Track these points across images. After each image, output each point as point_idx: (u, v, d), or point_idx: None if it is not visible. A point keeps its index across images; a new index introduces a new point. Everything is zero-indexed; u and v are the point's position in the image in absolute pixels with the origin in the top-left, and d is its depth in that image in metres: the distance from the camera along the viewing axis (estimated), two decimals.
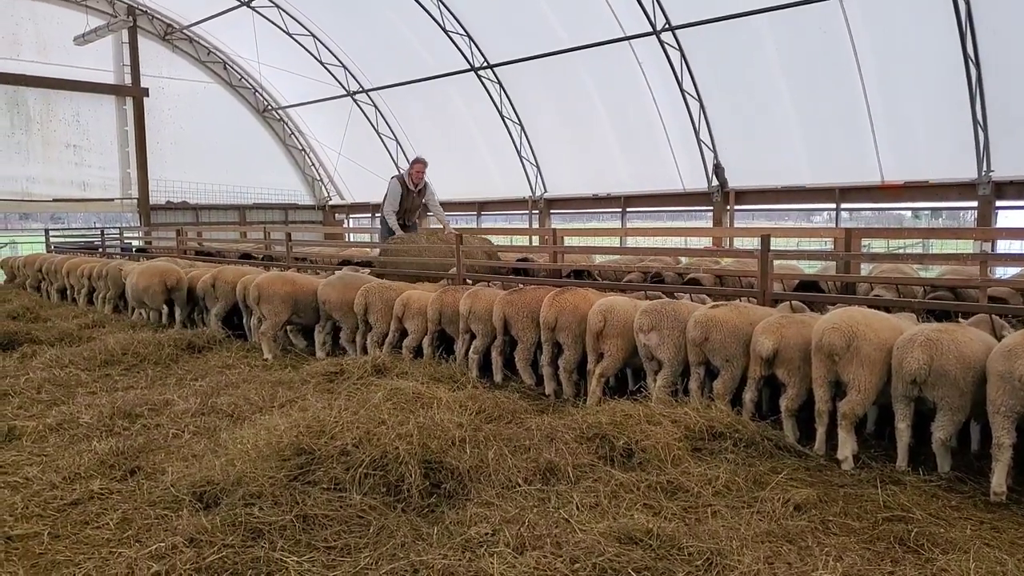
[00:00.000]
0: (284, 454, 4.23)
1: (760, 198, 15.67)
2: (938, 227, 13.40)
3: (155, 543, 3.45)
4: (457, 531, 3.57)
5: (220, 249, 13.91)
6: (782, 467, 4.37)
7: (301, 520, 3.66)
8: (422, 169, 9.69)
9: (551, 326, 5.95)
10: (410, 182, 9.65)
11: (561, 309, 5.93)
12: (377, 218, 23.80)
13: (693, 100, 15.20)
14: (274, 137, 25.41)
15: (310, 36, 20.88)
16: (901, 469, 4.40)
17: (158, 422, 5.47)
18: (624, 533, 3.42)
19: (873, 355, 4.51)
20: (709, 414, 4.79)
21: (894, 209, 14.79)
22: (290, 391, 6.14)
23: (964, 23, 11.41)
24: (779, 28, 13.47)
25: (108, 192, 21.82)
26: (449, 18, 17.48)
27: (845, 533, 3.59)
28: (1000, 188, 12.39)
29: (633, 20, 14.78)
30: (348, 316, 7.61)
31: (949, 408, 4.27)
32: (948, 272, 7.38)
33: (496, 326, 6.39)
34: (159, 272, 9.45)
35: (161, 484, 4.14)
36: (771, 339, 4.84)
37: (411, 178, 9.66)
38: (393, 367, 6.48)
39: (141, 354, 7.70)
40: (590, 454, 4.45)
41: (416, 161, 9.74)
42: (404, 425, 4.45)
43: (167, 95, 22.74)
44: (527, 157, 19.06)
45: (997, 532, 3.62)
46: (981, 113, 12.01)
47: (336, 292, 7.64)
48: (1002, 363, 4.03)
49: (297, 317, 8.00)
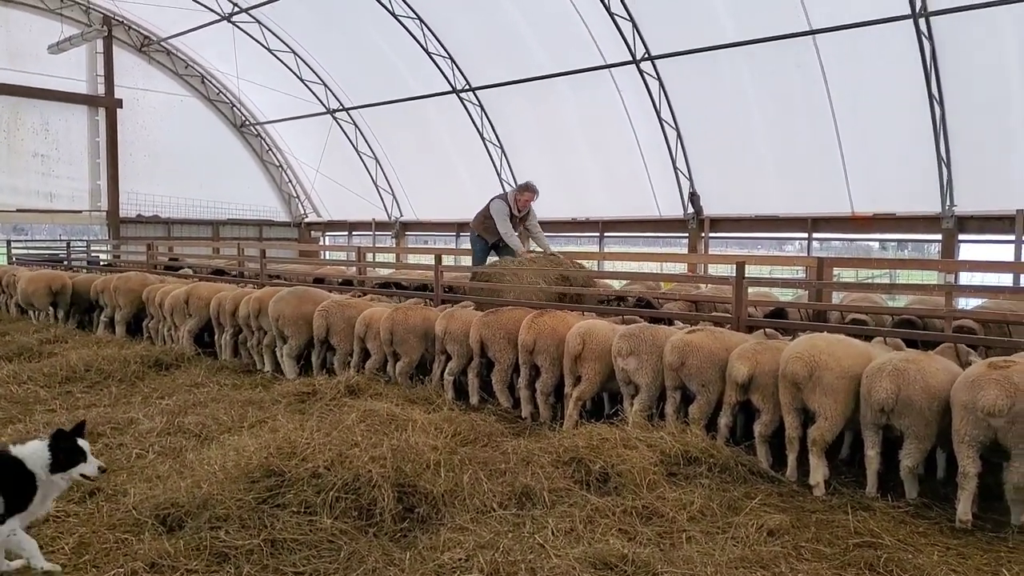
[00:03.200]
0: (253, 476, 4.14)
1: (734, 226, 15.91)
2: (906, 258, 13.73)
3: (113, 568, 3.35)
4: (430, 556, 3.51)
5: (192, 264, 13.70)
6: (756, 492, 4.39)
7: (269, 544, 3.57)
8: (532, 198, 9.23)
9: (529, 349, 5.94)
10: (515, 207, 9.06)
11: (539, 332, 5.92)
12: (361, 236, 23.73)
13: (671, 128, 15.46)
14: (251, 153, 25.22)
15: (291, 53, 20.87)
16: (871, 495, 4.45)
17: (121, 441, 5.32)
18: (599, 559, 3.40)
19: (836, 383, 4.56)
20: (684, 439, 4.81)
21: (863, 240, 15.13)
22: (260, 411, 6.02)
23: (928, 63, 11.80)
24: (755, 62, 13.79)
25: (76, 204, 21.40)
26: (432, 40, 17.61)
27: (817, 559, 3.61)
28: (962, 222, 12.76)
29: (614, 49, 15.04)
30: (301, 331, 7.50)
31: (916, 436, 4.34)
32: (915, 302, 7.54)
33: (473, 347, 6.35)
34: (46, 278, 11.07)
35: (122, 506, 4.01)
36: (746, 365, 4.88)
37: (517, 204, 9.07)
38: (367, 388, 6.40)
39: (105, 371, 7.51)
40: (566, 478, 4.43)
41: (527, 189, 9.19)
42: (378, 447, 4.40)
43: (142, 107, 22.48)
44: (507, 180, 19.14)
45: (963, 558, 3.66)
46: (945, 150, 12.39)
47: (290, 307, 7.53)
48: (965, 394, 4.11)
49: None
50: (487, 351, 6.31)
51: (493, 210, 9.05)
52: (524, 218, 9.34)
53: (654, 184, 16.47)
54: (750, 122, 14.64)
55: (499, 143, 18.77)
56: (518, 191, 9.20)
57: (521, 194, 9.16)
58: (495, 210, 9.04)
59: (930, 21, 11.52)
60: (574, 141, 17.51)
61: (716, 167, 15.53)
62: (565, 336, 5.82)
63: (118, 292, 9.86)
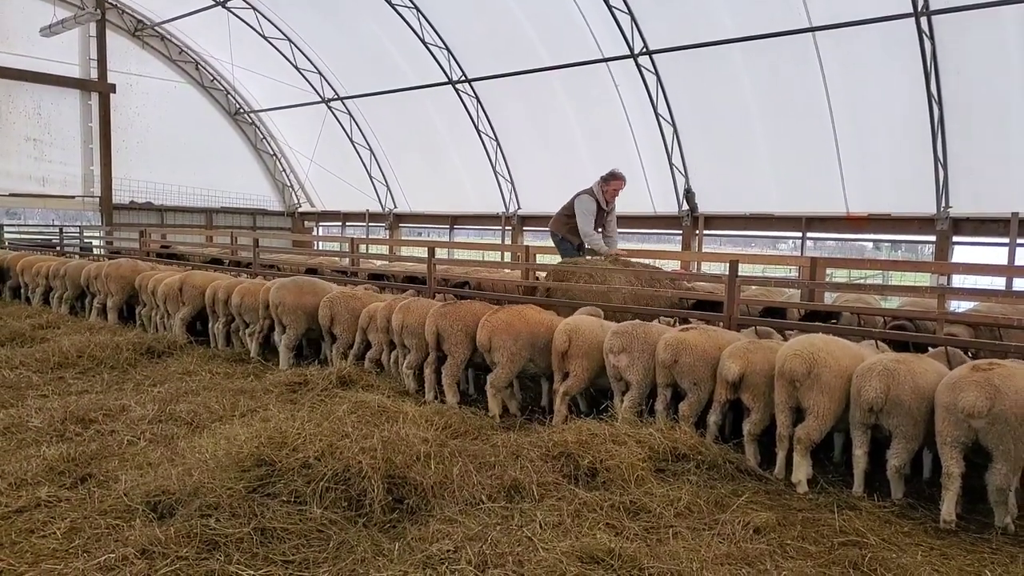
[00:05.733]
0: (244, 465, 4.15)
1: (729, 224, 15.95)
2: (899, 259, 13.79)
3: (104, 554, 3.36)
4: (419, 547, 3.53)
5: (185, 252, 13.65)
6: (743, 490, 4.42)
7: (259, 533, 3.59)
8: (621, 186, 8.32)
9: (486, 347, 5.91)
10: (603, 199, 8.22)
11: (494, 329, 5.87)
12: (355, 227, 23.67)
13: (667, 124, 15.46)
14: (245, 141, 25.10)
15: (286, 40, 20.75)
16: (857, 494, 4.49)
17: (113, 428, 5.32)
18: (586, 553, 3.43)
19: (833, 382, 4.61)
20: (673, 436, 4.84)
21: (857, 240, 15.19)
22: (252, 400, 6.03)
23: (929, 63, 11.83)
24: (754, 59, 13.80)
25: (69, 189, 21.26)
26: (429, 30, 17.54)
27: (802, 557, 3.64)
28: (957, 224, 12.81)
29: (612, 42, 15.02)
30: (298, 320, 7.50)
31: (903, 436, 4.38)
32: (907, 303, 7.58)
33: (429, 340, 6.22)
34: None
35: (113, 492, 4.02)
36: (738, 364, 4.91)
37: (605, 195, 8.23)
38: (359, 379, 6.41)
39: (97, 357, 7.50)
40: (555, 472, 4.45)
41: (615, 177, 8.28)
42: (368, 439, 4.41)
43: (135, 92, 22.33)
44: (502, 173, 19.14)
45: (946, 559, 3.70)
46: (942, 151, 12.43)
47: (291, 295, 7.54)
48: (947, 395, 4.16)
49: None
50: (442, 344, 6.19)
51: (578, 207, 8.21)
52: (610, 212, 8.47)
53: (649, 180, 16.48)
54: (747, 119, 14.66)
55: (494, 136, 18.74)
56: (603, 180, 8.30)
57: (608, 183, 8.26)
58: (580, 207, 8.19)
59: (932, 20, 11.53)
60: (570, 135, 17.50)
61: (712, 164, 15.55)
62: (521, 331, 5.80)
63: (109, 279, 9.83)
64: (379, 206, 22.58)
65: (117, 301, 9.86)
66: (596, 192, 8.25)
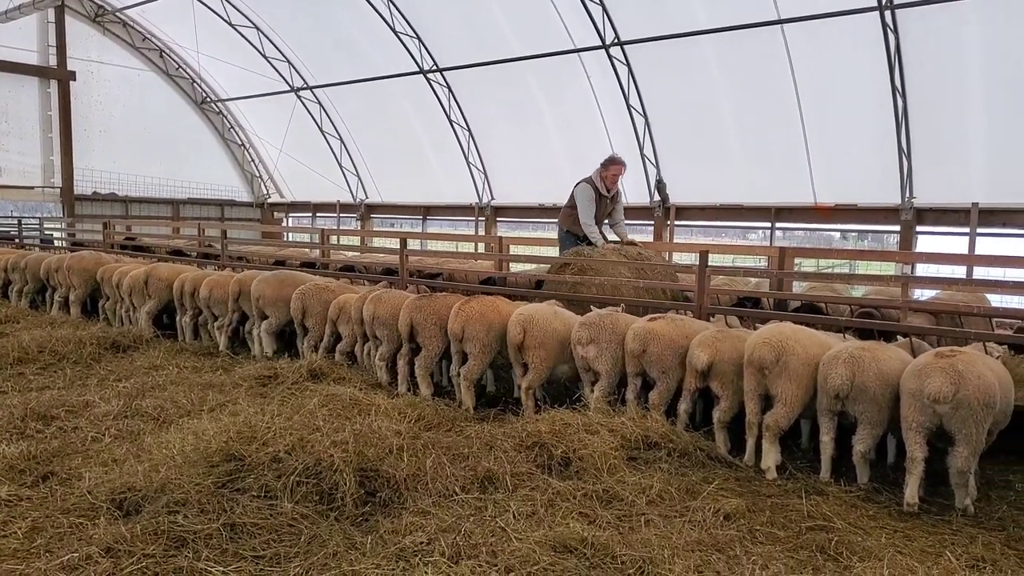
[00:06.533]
0: (212, 460, 4.09)
1: (700, 214, 16.10)
2: (865, 249, 14.06)
3: (67, 553, 3.28)
4: (392, 540, 3.52)
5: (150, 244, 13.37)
6: (713, 477, 4.48)
7: (228, 529, 3.54)
8: (621, 171, 8.06)
9: (459, 337, 5.87)
10: (603, 186, 7.97)
11: (467, 318, 5.83)
12: (325, 218, 23.40)
13: (639, 116, 15.52)
14: (212, 130, 24.63)
15: (254, 28, 20.37)
16: (824, 480, 4.58)
17: (76, 424, 5.20)
18: (559, 542, 3.44)
19: (801, 370, 4.68)
20: (645, 424, 4.88)
21: (824, 230, 15.44)
22: (221, 394, 5.93)
23: (893, 56, 12.03)
24: (724, 50, 13.90)
25: (28, 179, 20.66)
26: (399, 19, 17.35)
27: (771, 542, 3.70)
28: (921, 214, 13.11)
29: (584, 33, 15.01)
30: (280, 313, 7.42)
31: (869, 422, 4.47)
32: (872, 292, 7.73)
33: (403, 332, 6.18)
34: None
35: (76, 490, 3.93)
36: (706, 352, 4.96)
37: (605, 182, 7.97)
38: (330, 372, 6.34)
39: (59, 352, 7.31)
40: (529, 463, 4.46)
41: (613, 162, 7.99)
42: (340, 432, 4.37)
43: (97, 80, 21.75)
44: (475, 164, 19.05)
45: (909, 540, 3.80)
46: (906, 142, 12.68)
47: (271, 288, 7.45)
48: (913, 382, 4.26)
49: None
50: (415, 337, 6.14)
51: (577, 197, 7.99)
52: (615, 198, 8.21)
53: None
54: (717, 111, 14.78)
55: (467, 126, 18.64)
56: (603, 166, 8.03)
57: (607, 168, 7.99)
58: (579, 196, 7.96)
59: (896, 14, 11.75)
60: (543, 126, 17.48)
61: (683, 155, 15.66)
62: (494, 322, 5.78)
63: (71, 272, 9.59)
64: (350, 197, 22.34)
65: (80, 295, 9.62)
66: (595, 179, 8.01)
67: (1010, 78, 11.60)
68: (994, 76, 11.73)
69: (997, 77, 11.71)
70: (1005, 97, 11.77)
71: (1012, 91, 11.67)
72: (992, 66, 11.71)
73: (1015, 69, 11.51)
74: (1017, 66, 11.48)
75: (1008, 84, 11.65)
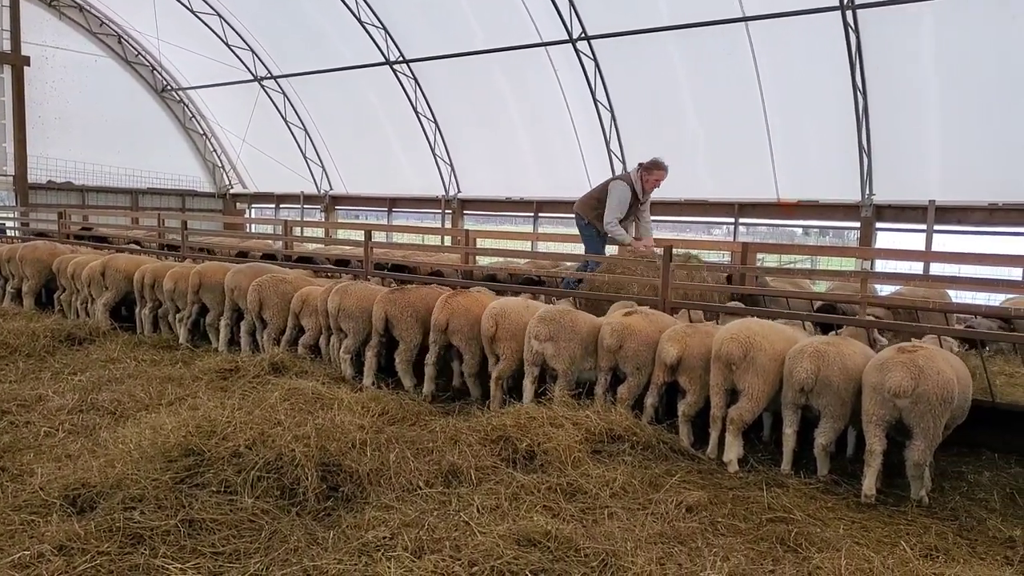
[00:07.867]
0: (170, 455, 4.01)
1: (665, 209, 16.18)
2: (826, 245, 14.35)
3: (18, 551, 3.18)
4: (354, 535, 3.48)
5: (108, 234, 13.01)
6: (676, 470, 4.52)
7: (187, 524, 3.47)
8: (663, 178, 7.75)
9: (442, 328, 5.86)
10: (641, 189, 7.67)
11: (453, 311, 5.83)
12: (289, 209, 23.01)
13: (605, 110, 15.58)
14: (172, 119, 24.03)
15: (216, 16, 19.91)
16: (785, 472, 4.66)
17: (28, 419, 5.05)
18: (523, 535, 3.44)
19: (767, 365, 4.75)
20: (609, 418, 4.90)
21: (787, 225, 15.71)
22: (180, 388, 5.82)
23: (854, 55, 12.27)
24: (689, 47, 14.02)
25: None
26: (365, 9, 17.12)
27: (732, 534, 3.75)
28: (880, 211, 13.43)
29: (551, 27, 14.99)
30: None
31: (831, 416, 4.56)
32: (833, 287, 7.89)
33: (376, 325, 6.14)
34: None
35: (28, 487, 3.82)
36: (676, 347, 5.00)
37: (644, 185, 7.67)
38: (292, 365, 6.25)
39: (11, 345, 7.09)
40: (493, 456, 4.45)
41: (658, 167, 7.68)
42: (302, 426, 4.31)
43: (52, 66, 21.05)
44: (441, 156, 18.93)
45: (866, 531, 3.89)
46: (866, 140, 12.96)
47: (247, 280, 7.29)
48: (874, 376, 4.35)
49: None
50: (392, 330, 6.11)
51: (612, 193, 7.63)
52: (645, 202, 7.90)
53: (588, 165, 16.60)
54: (682, 106, 14.91)
55: (433, 118, 18.51)
56: (645, 170, 7.69)
57: (650, 173, 7.66)
58: (615, 194, 7.61)
59: (856, 14, 11.97)
60: (510, 119, 17.44)
61: (648, 150, 15.55)
62: (479, 316, 5.77)
63: (24, 262, 9.29)
64: (314, 188, 22.03)
65: (33, 286, 9.33)
66: (634, 180, 7.69)
67: (964, 79, 11.91)
68: (949, 77, 12.04)
69: (952, 78, 12.02)
70: (959, 98, 12.09)
71: (966, 92, 11.98)
72: (947, 67, 12.02)
73: (969, 70, 11.83)
74: (971, 67, 11.81)
75: (962, 85, 11.96)
